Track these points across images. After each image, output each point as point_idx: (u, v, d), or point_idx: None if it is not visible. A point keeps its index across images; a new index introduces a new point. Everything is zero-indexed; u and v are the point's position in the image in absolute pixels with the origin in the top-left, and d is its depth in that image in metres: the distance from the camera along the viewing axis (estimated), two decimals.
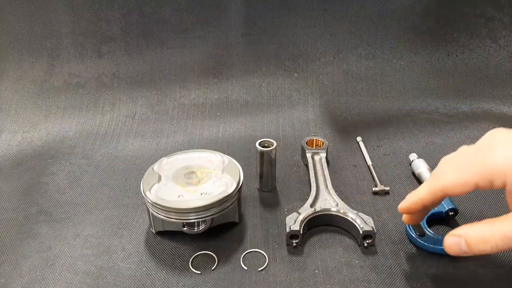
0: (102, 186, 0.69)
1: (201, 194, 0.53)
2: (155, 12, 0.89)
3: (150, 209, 0.54)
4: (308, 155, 0.70)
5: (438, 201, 0.39)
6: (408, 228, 0.55)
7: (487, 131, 0.40)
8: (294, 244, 0.54)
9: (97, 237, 0.57)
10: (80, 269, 0.52)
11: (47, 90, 0.88)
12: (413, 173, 0.69)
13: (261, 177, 0.65)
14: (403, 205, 0.41)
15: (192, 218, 0.52)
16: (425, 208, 0.41)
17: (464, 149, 0.40)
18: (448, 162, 0.39)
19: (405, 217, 0.45)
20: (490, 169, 0.35)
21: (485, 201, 0.61)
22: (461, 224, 0.57)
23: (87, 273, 0.52)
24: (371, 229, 0.52)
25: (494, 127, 0.83)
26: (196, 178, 0.56)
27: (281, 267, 0.52)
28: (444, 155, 0.74)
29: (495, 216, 0.37)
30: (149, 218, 0.57)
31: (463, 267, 0.50)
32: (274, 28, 0.92)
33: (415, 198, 0.39)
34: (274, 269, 0.52)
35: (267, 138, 0.63)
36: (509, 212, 0.36)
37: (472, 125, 0.83)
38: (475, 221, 0.56)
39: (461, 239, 0.36)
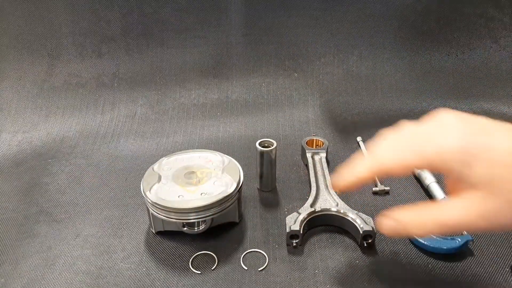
0: (102, 186, 0.69)
1: (201, 194, 0.53)
2: (155, 12, 0.89)
3: (150, 209, 0.54)
4: (308, 155, 0.70)
5: (369, 182, 0.37)
6: None
7: None
8: (294, 244, 0.54)
9: (97, 237, 0.57)
10: (80, 269, 0.52)
11: (47, 90, 0.88)
12: (413, 173, 0.69)
13: (261, 177, 0.65)
14: (340, 183, 0.38)
15: (192, 218, 0.52)
16: (359, 186, 0.38)
17: (405, 127, 0.37)
18: (388, 140, 0.37)
19: (336, 188, 0.41)
20: (432, 151, 0.33)
21: None
22: None
23: (87, 273, 0.52)
24: (371, 229, 0.52)
25: None
26: (196, 178, 0.56)
27: (281, 267, 0.52)
28: None
29: None
30: (149, 218, 0.57)
31: (462, 267, 0.51)
32: (274, 28, 0.92)
33: (353, 177, 0.37)
34: (274, 269, 0.52)
35: (267, 138, 0.63)
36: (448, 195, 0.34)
37: None
38: None
39: (399, 224, 0.35)
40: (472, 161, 0.31)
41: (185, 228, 0.55)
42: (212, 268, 0.52)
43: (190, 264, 0.53)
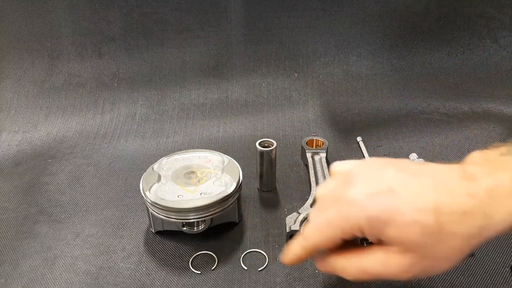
0: (102, 186, 0.69)
1: (200, 194, 0.53)
2: (155, 12, 0.89)
3: (149, 209, 0.54)
4: (308, 155, 0.70)
5: (316, 254, 0.39)
6: None
7: (487, 131, 0.40)
8: None
9: (97, 237, 0.57)
10: (80, 269, 0.52)
11: (47, 90, 0.88)
12: None
13: (261, 177, 0.65)
14: (285, 261, 0.41)
15: (191, 218, 0.52)
16: (309, 258, 0.40)
17: (325, 195, 0.38)
18: (314, 217, 0.38)
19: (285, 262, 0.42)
20: (348, 224, 0.34)
21: None
22: None
23: (87, 273, 0.52)
24: None
25: (494, 127, 0.84)
26: (196, 178, 0.56)
27: (281, 267, 0.52)
28: (444, 155, 0.75)
29: None
30: (149, 218, 0.57)
31: (462, 267, 0.50)
32: (274, 28, 0.92)
33: (292, 255, 0.40)
34: (274, 269, 0.52)
35: (267, 138, 0.63)
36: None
37: (472, 125, 0.83)
38: None
39: (327, 265, 0.38)
40: (381, 226, 0.32)
41: (185, 228, 0.55)
42: (212, 268, 0.52)
43: (190, 264, 0.53)
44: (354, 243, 0.38)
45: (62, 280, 0.51)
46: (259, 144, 0.62)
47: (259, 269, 0.52)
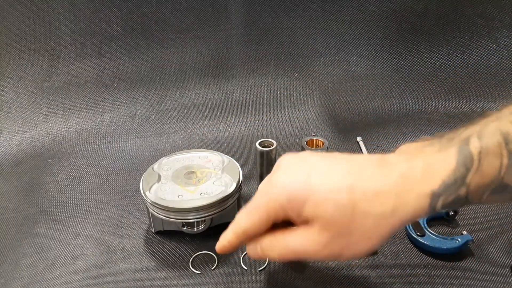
0: (102, 186, 0.69)
1: (200, 194, 0.53)
2: (155, 12, 0.89)
3: (149, 209, 0.54)
4: None
5: (248, 241, 0.41)
6: (408, 228, 0.55)
7: None
8: None
9: (97, 237, 0.57)
10: (80, 269, 0.52)
11: (47, 90, 0.88)
12: None
13: (261, 177, 0.65)
14: (218, 248, 0.42)
15: (191, 218, 0.52)
16: (242, 244, 0.42)
17: (261, 185, 0.41)
18: (246, 205, 0.41)
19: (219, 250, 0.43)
20: (272, 205, 0.37)
21: None
22: (461, 224, 0.57)
23: (87, 273, 0.52)
24: None
25: None
26: (196, 178, 0.56)
27: (281, 267, 0.52)
28: None
29: (498, 215, 0.45)
30: (149, 218, 0.57)
31: (463, 267, 0.51)
32: (274, 28, 0.92)
33: (224, 241, 0.41)
34: (274, 269, 0.52)
35: (267, 138, 0.63)
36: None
37: None
38: (476, 221, 0.57)
39: (256, 245, 0.40)
40: (300, 203, 0.35)
41: (185, 228, 0.55)
42: (212, 268, 0.52)
43: (190, 264, 0.53)
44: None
45: (62, 280, 0.51)
46: (259, 144, 0.62)
47: (259, 269, 0.52)
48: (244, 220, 0.40)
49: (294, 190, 0.36)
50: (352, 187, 0.34)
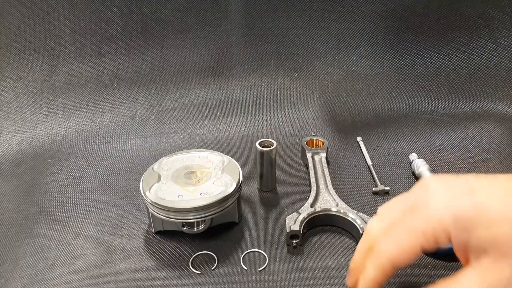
0: (102, 186, 0.69)
1: (200, 194, 0.53)
2: (155, 12, 0.89)
3: (149, 209, 0.54)
4: (308, 155, 0.70)
5: (390, 277, 0.35)
6: None
7: (487, 131, 0.40)
8: (294, 244, 0.54)
9: (97, 237, 0.57)
10: (80, 269, 0.52)
11: (47, 90, 0.88)
12: (413, 173, 0.69)
13: (261, 177, 0.65)
14: None
15: (191, 217, 0.52)
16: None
17: (393, 210, 0.35)
18: (384, 232, 0.34)
19: None
20: (431, 226, 0.31)
21: None
22: None
23: (87, 273, 0.52)
24: None
25: (494, 127, 0.84)
26: (196, 178, 0.56)
27: (281, 267, 0.52)
28: (445, 155, 0.75)
29: None
30: (149, 218, 0.57)
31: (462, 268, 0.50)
32: (274, 28, 0.92)
33: (370, 284, 0.34)
34: (274, 269, 0.52)
35: (267, 138, 0.63)
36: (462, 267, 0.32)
37: (472, 125, 0.83)
38: None
39: None
40: (469, 225, 0.29)
41: (185, 228, 0.55)
42: (212, 268, 0.52)
43: (190, 264, 0.53)
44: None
45: (62, 280, 0.51)
46: (259, 144, 0.62)
47: (259, 269, 0.52)
48: (390, 247, 0.33)
49: (462, 208, 0.29)
50: None
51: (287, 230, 0.53)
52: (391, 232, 0.34)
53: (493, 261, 0.28)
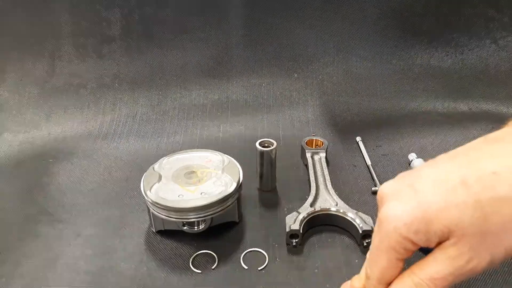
0: (103, 186, 0.69)
1: (201, 193, 0.53)
2: (155, 13, 0.89)
3: (150, 209, 0.55)
4: (308, 155, 0.71)
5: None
6: None
7: (486, 131, 0.40)
8: (294, 244, 0.54)
9: (98, 237, 0.58)
10: (81, 269, 0.52)
11: (48, 91, 0.88)
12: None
13: (261, 177, 0.65)
14: None
15: (192, 217, 0.52)
16: None
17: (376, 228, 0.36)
18: (367, 257, 0.38)
19: None
20: (393, 240, 0.33)
21: None
22: None
23: (88, 272, 0.52)
24: (371, 229, 0.53)
25: (493, 127, 0.83)
26: (196, 177, 0.56)
27: (281, 267, 0.52)
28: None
29: None
30: (150, 218, 0.57)
31: None
32: (274, 29, 0.92)
33: None
34: (274, 269, 0.52)
35: (267, 138, 0.64)
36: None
37: (471, 125, 0.83)
38: None
39: None
40: (421, 226, 0.32)
41: (185, 228, 0.55)
42: (213, 268, 0.52)
43: (190, 263, 0.53)
44: None
45: (63, 280, 0.51)
46: (259, 144, 0.63)
47: (259, 269, 0.52)
48: (374, 269, 0.35)
49: (409, 213, 0.32)
50: (464, 177, 0.30)
51: (287, 229, 0.54)
52: (369, 255, 0.37)
53: (453, 243, 0.31)
